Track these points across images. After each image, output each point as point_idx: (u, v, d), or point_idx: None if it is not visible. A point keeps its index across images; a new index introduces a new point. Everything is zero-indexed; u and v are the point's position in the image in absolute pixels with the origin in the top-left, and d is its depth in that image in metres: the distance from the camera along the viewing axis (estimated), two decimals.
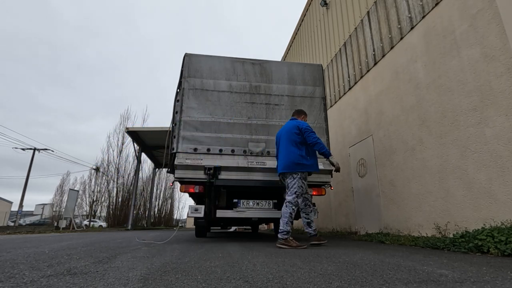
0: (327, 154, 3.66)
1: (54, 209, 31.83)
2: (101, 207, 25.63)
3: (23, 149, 23.15)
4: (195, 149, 4.26)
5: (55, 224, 21.57)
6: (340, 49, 7.83)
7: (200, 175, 4.13)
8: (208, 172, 4.07)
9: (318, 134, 4.64)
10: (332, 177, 4.60)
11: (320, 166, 4.41)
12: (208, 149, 4.29)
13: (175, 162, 4.13)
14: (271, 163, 4.33)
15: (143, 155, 19.24)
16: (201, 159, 4.20)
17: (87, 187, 26.45)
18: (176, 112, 4.47)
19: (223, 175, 4.17)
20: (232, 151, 4.34)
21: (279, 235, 3.44)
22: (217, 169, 4.13)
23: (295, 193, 3.56)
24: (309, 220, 3.77)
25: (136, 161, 18.13)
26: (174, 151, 4.21)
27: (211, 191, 4.15)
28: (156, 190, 29.72)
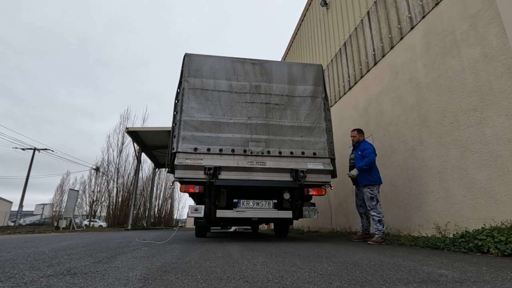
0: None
1: (54, 209, 31.85)
2: (101, 207, 25.66)
3: (23, 149, 23.15)
4: (195, 149, 4.25)
5: (55, 224, 21.57)
6: (340, 49, 7.83)
7: (200, 175, 4.11)
8: (208, 172, 4.05)
9: (318, 134, 4.62)
10: (333, 177, 4.58)
11: (320, 166, 4.40)
12: (208, 149, 4.27)
13: (175, 162, 4.11)
14: (271, 163, 4.31)
15: (143, 155, 19.24)
16: (201, 159, 4.17)
17: (87, 187, 26.48)
18: (176, 112, 4.46)
19: (223, 175, 4.15)
20: (232, 150, 4.31)
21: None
22: (217, 169, 4.11)
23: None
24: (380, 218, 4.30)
25: (136, 161, 18.14)
26: (174, 150, 4.20)
27: (211, 191, 4.13)
28: (156, 190, 29.78)
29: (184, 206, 42.98)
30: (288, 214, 4.38)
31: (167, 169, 4.38)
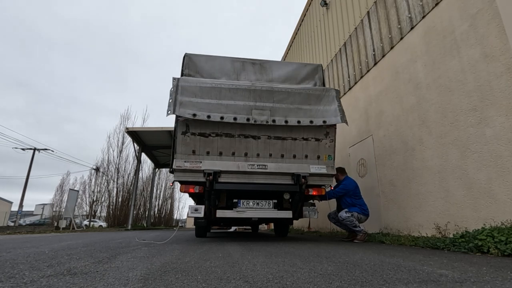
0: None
1: (54, 209, 31.79)
2: (101, 207, 25.65)
3: (23, 149, 23.15)
4: (194, 115, 3.89)
5: (55, 224, 21.56)
6: (340, 49, 7.83)
7: (200, 178, 4.06)
8: (208, 178, 3.96)
9: (327, 102, 4.43)
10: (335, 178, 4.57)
11: (323, 170, 4.34)
12: (209, 116, 3.93)
13: (174, 166, 4.03)
14: (273, 165, 4.20)
15: (143, 155, 19.25)
16: (200, 162, 4.08)
17: (87, 187, 26.45)
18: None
19: (223, 178, 4.10)
20: (235, 119, 4.00)
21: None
22: (217, 174, 4.03)
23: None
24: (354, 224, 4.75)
25: (136, 161, 18.14)
26: (170, 112, 3.86)
27: (211, 194, 4.11)
28: (156, 190, 29.76)
29: (184, 206, 42.97)
30: (288, 214, 4.37)
31: (170, 169, 4.30)
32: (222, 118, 3.98)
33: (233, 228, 16.37)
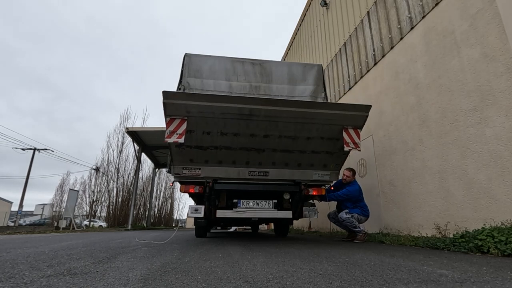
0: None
1: (54, 209, 31.78)
2: (101, 207, 25.65)
3: (23, 149, 23.15)
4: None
5: (55, 224, 21.56)
6: (340, 49, 7.82)
7: (199, 179, 4.09)
8: (208, 184, 3.96)
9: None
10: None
11: (326, 177, 4.35)
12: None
13: (172, 174, 4.04)
14: (275, 172, 4.15)
15: (143, 155, 19.25)
16: (199, 169, 4.04)
17: (87, 187, 26.46)
18: None
19: (223, 179, 4.10)
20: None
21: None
22: (217, 180, 4.02)
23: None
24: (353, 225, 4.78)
25: (136, 161, 18.14)
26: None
27: (211, 195, 4.11)
28: (156, 190, 29.77)
29: (184, 206, 43.05)
30: (288, 214, 4.37)
31: (168, 169, 4.31)
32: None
33: (233, 228, 16.38)
